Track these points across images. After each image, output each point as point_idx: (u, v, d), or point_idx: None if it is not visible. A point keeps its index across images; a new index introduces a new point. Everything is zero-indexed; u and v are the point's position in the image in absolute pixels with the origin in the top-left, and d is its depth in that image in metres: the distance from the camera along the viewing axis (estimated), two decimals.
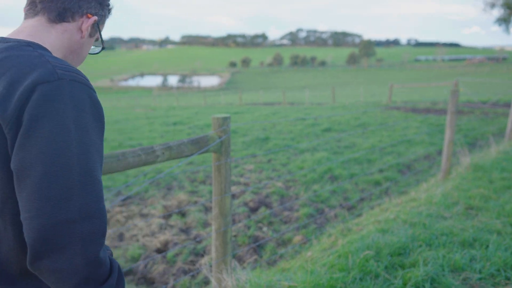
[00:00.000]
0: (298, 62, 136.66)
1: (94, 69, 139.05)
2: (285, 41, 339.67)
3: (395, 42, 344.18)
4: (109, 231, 4.44)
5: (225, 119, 2.50)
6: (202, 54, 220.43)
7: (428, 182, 5.71)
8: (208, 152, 2.47)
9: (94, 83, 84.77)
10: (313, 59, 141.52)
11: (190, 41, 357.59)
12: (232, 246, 4.12)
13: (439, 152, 8.02)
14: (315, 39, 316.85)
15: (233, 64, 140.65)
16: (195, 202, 5.45)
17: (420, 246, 2.94)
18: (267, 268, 3.69)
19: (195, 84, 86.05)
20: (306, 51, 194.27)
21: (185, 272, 3.66)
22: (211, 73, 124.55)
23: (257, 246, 4.20)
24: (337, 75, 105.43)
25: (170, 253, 3.95)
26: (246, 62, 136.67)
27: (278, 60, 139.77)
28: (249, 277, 2.61)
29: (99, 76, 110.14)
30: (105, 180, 6.61)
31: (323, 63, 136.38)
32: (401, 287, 2.41)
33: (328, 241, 3.86)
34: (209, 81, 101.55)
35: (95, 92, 0.92)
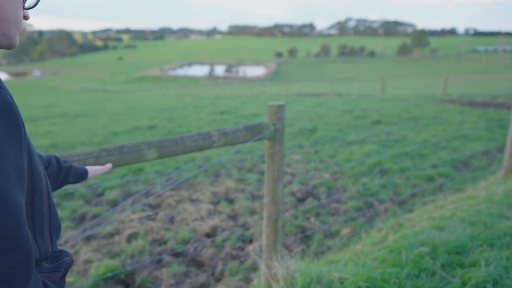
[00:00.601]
0: (346, 52, 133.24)
1: (146, 59, 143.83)
2: (333, 31, 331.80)
3: (452, 32, 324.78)
4: (161, 214, 4.61)
5: (280, 107, 2.48)
6: (249, 44, 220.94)
7: (487, 180, 5.39)
8: (262, 140, 2.47)
9: (145, 73, 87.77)
10: (361, 49, 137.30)
11: (237, 31, 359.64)
12: None
13: (500, 149, 7.53)
14: (365, 29, 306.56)
15: (279, 55, 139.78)
16: (243, 190, 5.51)
17: (481, 245, 2.78)
18: (314, 258, 3.66)
19: (241, 74, 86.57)
20: (355, 41, 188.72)
21: (233, 257, 3.73)
22: (257, 63, 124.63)
23: (305, 236, 4.18)
24: (387, 66, 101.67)
25: (218, 238, 4.04)
26: (292, 53, 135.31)
27: (325, 50, 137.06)
28: (299, 266, 2.60)
29: (150, 65, 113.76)
30: (157, 164, 6.85)
31: (372, 54, 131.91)
32: (460, 287, 2.29)
33: (378, 236, 3.76)
34: (255, 71, 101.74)
35: (4, 89, 0.71)
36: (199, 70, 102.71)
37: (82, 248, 3.89)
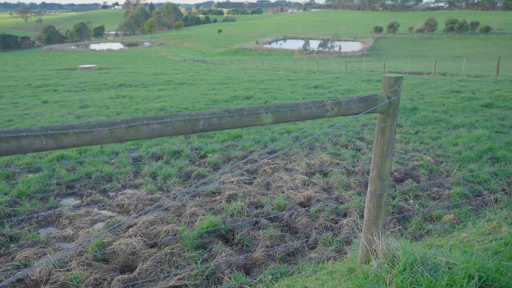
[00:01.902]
0: (454, 28, 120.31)
1: (243, 32, 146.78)
2: (441, 4, 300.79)
3: None
4: (258, 180, 4.82)
5: (397, 79, 2.38)
6: (347, 18, 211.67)
7: None
8: (375, 112, 2.42)
9: (241, 45, 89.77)
10: (474, 24, 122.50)
11: (335, 4, 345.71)
12: None
13: None
14: (480, 1, 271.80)
15: (378, 29, 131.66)
16: (337, 164, 5.47)
17: None
18: (412, 240, 3.54)
19: (336, 49, 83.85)
20: (467, 15, 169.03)
21: (326, 228, 3.78)
22: (354, 38, 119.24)
23: (402, 217, 4.04)
24: (504, 44, 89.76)
25: (313, 208, 4.11)
26: (393, 27, 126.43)
27: (430, 25, 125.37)
28: (401, 244, 2.55)
29: (247, 39, 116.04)
30: (253, 133, 7.10)
31: (486, 29, 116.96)
32: None
33: (488, 226, 3.48)
34: (351, 46, 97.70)
35: None
36: (294, 44, 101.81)
37: (188, 202, 4.28)
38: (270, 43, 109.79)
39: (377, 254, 2.59)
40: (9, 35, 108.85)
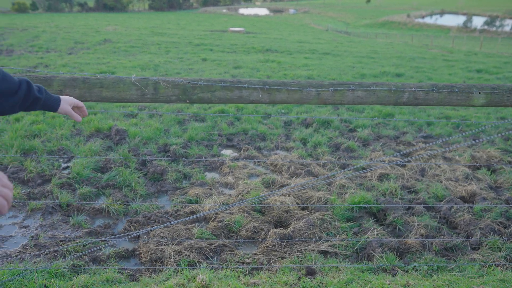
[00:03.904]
0: None
1: (394, 3, 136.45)
2: None
3: None
4: (412, 164, 4.52)
5: None
6: None
7: None
8: None
9: (390, 18, 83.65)
10: None
11: None
12: None
13: None
14: None
15: None
16: (509, 163, 4.78)
17: None
18: None
19: (507, 28, 71.67)
20: None
21: (493, 231, 3.36)
22: None
23: None
24: None
25: (477, 206, 3.69)
26: None
27: None
28: None
29: (397, 11, 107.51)
30: (406, 114, 6.64)
31: None
32: None
33: None
34: None
35: None
36: (452, 20, 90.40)
37: (338, 173, 4.27)
38: (423, 17, 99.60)
39: None
40: None
